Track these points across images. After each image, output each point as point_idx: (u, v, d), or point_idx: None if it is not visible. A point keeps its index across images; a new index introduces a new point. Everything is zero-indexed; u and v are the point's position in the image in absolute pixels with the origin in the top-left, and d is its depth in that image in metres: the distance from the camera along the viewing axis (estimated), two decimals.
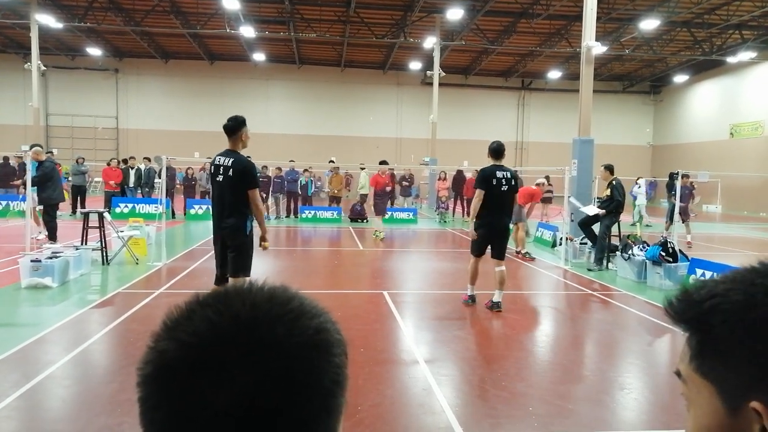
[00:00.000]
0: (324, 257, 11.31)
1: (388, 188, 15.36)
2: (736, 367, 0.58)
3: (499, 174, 6.64)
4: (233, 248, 5.12)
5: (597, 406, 4.12)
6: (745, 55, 25.66)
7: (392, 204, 20.50)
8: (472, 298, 7.09)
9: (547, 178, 16.49)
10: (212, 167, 5.21)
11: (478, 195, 6.63)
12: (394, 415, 3.87)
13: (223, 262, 5.22)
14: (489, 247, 6.84)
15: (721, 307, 0.60)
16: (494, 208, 6.61)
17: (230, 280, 5.17)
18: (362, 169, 18.54)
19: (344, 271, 9.66)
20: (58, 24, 23.14)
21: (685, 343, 0.65)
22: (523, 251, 11.22)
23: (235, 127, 5.17)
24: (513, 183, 6.76)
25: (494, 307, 6.77)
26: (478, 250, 6.87)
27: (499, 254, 6.81)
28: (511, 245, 10.06)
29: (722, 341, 0.59)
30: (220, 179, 5.07)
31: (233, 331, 0.54)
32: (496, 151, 6.84)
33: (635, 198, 18.29)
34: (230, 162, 5.06)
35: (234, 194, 5.05)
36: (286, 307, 0.58)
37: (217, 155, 5.22)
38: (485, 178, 6.63)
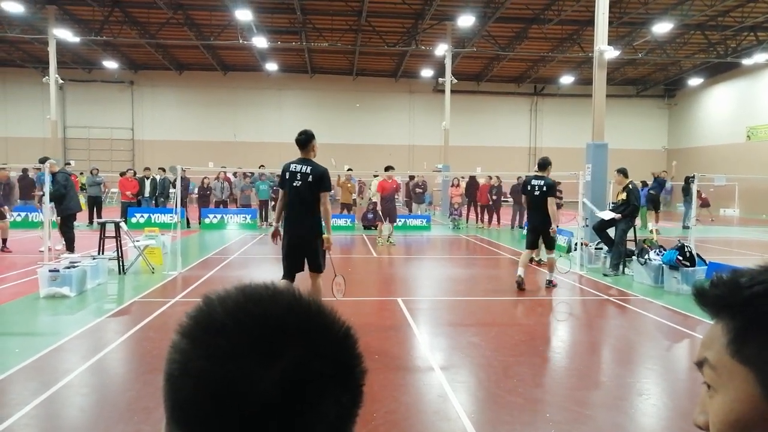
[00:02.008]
0: (337, 264, 11.30)
1: (397, 194, 15.37)
2: None
3: (533, 182, 8.41)
4: (310, 247, 5.65)
5: (615, 413, 4.07)
6: (761, 57, 25.38)
7: (409, 211, 20.51)
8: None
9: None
10: (287, 173, 5.69)
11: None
12: (410, 422, 3.85)
13: (293, 260, 5.71)
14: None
15: None
16: (529, 209, 8.63)
17: (309, 275, 5.76)
18: (375, 176, 18.59)
19: (358, 279, 9.66)
20: (75, 38, 23.57)
21: (715, 330, 0.64)
22: (537, 258, 10.99)
23: (306, 140, 5.75)
24: (544, 189, 8.27)
25: (548, 284, 8.68)
26: (529, 244, 8.75)
27: (548, 245, 8.58)
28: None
29: None
30: (298, 184, 5.60)
31: (287, 311, 0.57)
32: (538, 164, 8.75)
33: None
34: (308, 169, 5.62)
35: (313, 197, 5.61)
36: (322, 306, 0.61)
37: (291, 163, 5.74)
38: (523, 184, 8.71)
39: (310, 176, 5.59)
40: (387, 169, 14.59)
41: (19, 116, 31.23)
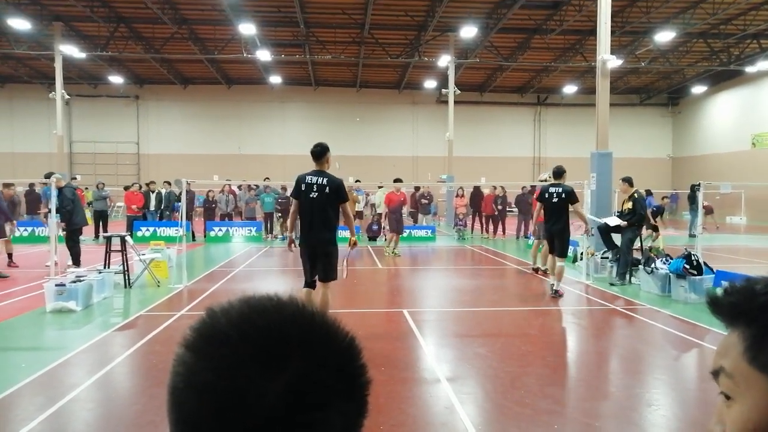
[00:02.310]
0: (343, 276, 11.28)
1: (404, 206, 15.48)
2: None
3: (551, 190, 8.72)
4: (324, 257, 5.81)
5: (624, 424, 4.03)
6: (764, 65, 25.37)
7: (415, 222, 20.49)
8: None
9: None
10: (302, 185, 5.84)
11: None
12: None
13: (312, 268, 5.90)
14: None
15: None
16: (546, 215, 8.81)
17: (319, 284, 5.93)
18: (380, 188, 18.61)
19: (363, 290, 9.64)
20: (81, 54, 23.79)
21: (730, 338, 0.64)
22: (543, 267, 10.96)
23: (321, 151, 5.93)
24: (563, 196, 8.55)
25: (554, 294, 8.52)
26: (549, 244, 9.07)
27: (559, 252, 8.62)
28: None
29: None
30: (314, 195, 5.77)
31: (291, 321, 0.57)
32: (554, 173, 9.14)
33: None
34: (324, 180, 5.80)
35: (329, 208, 5.80)
36: (326, 316, 0.61)
37: (306, 175, 5.88)
38: (541, 193, 8.98)
39: (327, 188, 5.76)
40: (396, 181, 14.63)
41: (25, 131, 31.48)
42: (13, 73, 29.15)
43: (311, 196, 5.75)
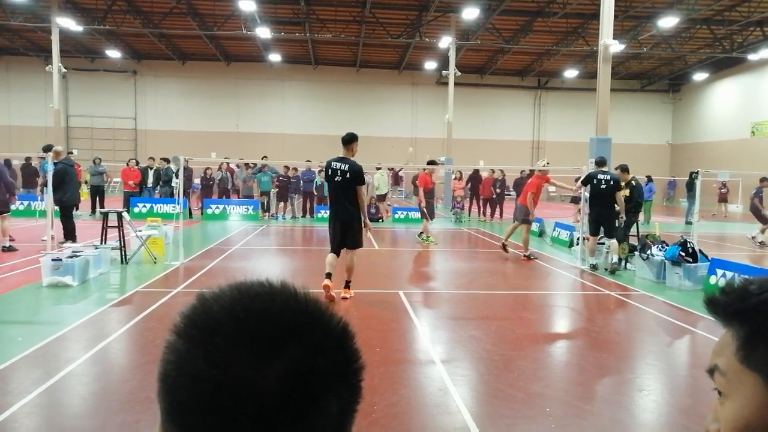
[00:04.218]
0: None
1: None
2: None
3: (600, 176, 9.44)
4: (350, 229, 6.90)
5: (615, 408, 4.08)
6: (767, 53, 25.22)
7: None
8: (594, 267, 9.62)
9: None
10: (329, 170, 6.85)
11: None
12: (410, 415, 3.86)
13: (340, 239, 6.95)
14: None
15: None
16: (593, 201, 9.58)
17: (345, 251, 7.05)
18: (378, 169, 18.56)
19: (360, 271, 9.64)
20: (78, 27, 23.50)
21: (726, 337, 0.65)
22: (526, 253, 10.87)
23: (349, 139, 6.94)
24: (611, 183, 9.29)
25: (616, 265, 9.42)
26: (593, 231, 9.70)
27: (608, 233, 9.60)
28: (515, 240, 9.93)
29: None
30: (339, 179, 6.78)
31: (284, 307, 0.56)
32: (597, 162, 9.84)
33: None
34: (346, 167, 6.77)
35: (350, 190, 6.79)
36: (318, 302, 0.60)
37: (332, 161, 6.87)
38: (589, 178, 9.62)
39: (348, 173, 6.74)
40: (430, 163, 13.35)
41: (22, 105, 31.22)
42: (9, 45, 28.82)
43: (336, 179, 6.77)
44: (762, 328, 0.62)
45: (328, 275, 6.85)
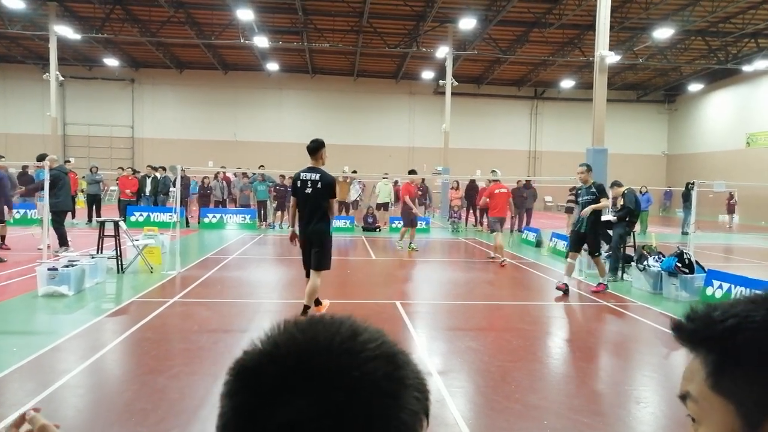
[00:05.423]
0: (336, 266, 11.30)
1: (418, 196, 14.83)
2: (760, 384, 0.59)
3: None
4: (318, 246, 6.21)
5: (612, 420, 4.07)
6: (761, 64, 25.42)
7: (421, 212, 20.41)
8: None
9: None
10: (298, 182, 6.23)
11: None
12: None
13: (307, 258, 6.33)
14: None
15: (745, 326, 0.61)
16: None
17: (312, 273, 6.29)
18: (384, 177, 18.61)
19: (357, 281, 9.66)
20: (76, 35, 23.53)
21: (694, 363, 0.66)
22: (500, 259, 11.40)
23: (315, 147, 6.28)
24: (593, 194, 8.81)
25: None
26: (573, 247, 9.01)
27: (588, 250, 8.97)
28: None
29: (746, 359, 0.61)
30: (309, 191, 6.16)
31: (294, 357, 0.55)
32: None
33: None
34: (317, 177, 6.16)
35: (321, 203, 6.17)
36: (357, 339, 0.58)
37: (302, 172, 6.26)
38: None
39: (319, 184, 6.15)
40: (411, 172, 14.15)
41: (18, 112, 31.18)
42: (6, 53, 28.84)
43: (306, 191, 6.15)
44: (729, 356, 0.62)
45: (315, 301, 6.38)
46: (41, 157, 10.19)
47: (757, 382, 0.59)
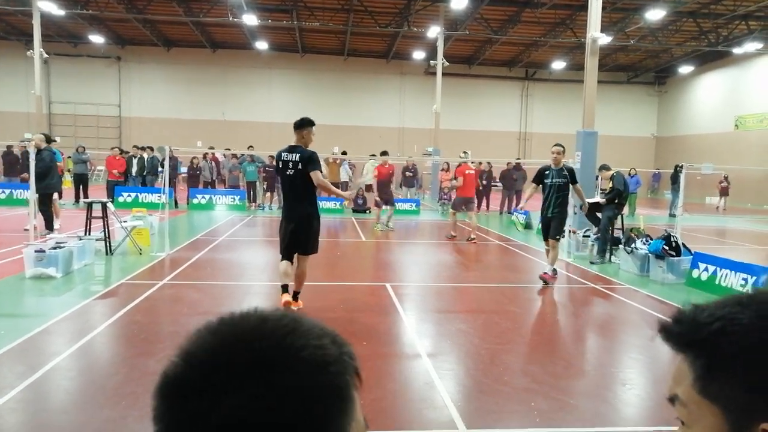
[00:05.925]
0: (326, 248, 11.30)
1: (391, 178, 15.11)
2: (747, 389, 0.59)
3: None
4: (307, 231, 5.89)
5: (598, 402, 4.13)
6: (751, 46, 25.47)
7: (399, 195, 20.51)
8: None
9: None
10: (280, 162, 5.91)
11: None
12: (397, 409, 3.89)
13: (291, 243, 5.91)
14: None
15: (731, 329, 0.61)
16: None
17: (298, 257, 5.99)
18: (371, 157, 18.55)
19: (347, 263, 9.67)
20: (60, 11, 23.02)
21: (682, 366, 0.65)
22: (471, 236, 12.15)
23: (300, 124, 5.96)
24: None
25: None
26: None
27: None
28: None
29: (733, 363, 0.60)
30: (291, 172, 5.82)
31: (227, 351, 0.56)
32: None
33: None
34: (297, 156, 5.81)
35: (307, 182, 5.80)
36: (280, 323, 0.59)
37: (282, 152, 5.93)
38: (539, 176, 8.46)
39: (300, 162, 5.80)
40: (383, 153, 14.43)
41: (2, 90, 30.62)
42: None
43: (288, 173, 5.85)
44: (717, 360, 0.61)
45: (285, 288, 5.99)
46: (49, 139, 10.14)
47: (744, 388, 0.59)
